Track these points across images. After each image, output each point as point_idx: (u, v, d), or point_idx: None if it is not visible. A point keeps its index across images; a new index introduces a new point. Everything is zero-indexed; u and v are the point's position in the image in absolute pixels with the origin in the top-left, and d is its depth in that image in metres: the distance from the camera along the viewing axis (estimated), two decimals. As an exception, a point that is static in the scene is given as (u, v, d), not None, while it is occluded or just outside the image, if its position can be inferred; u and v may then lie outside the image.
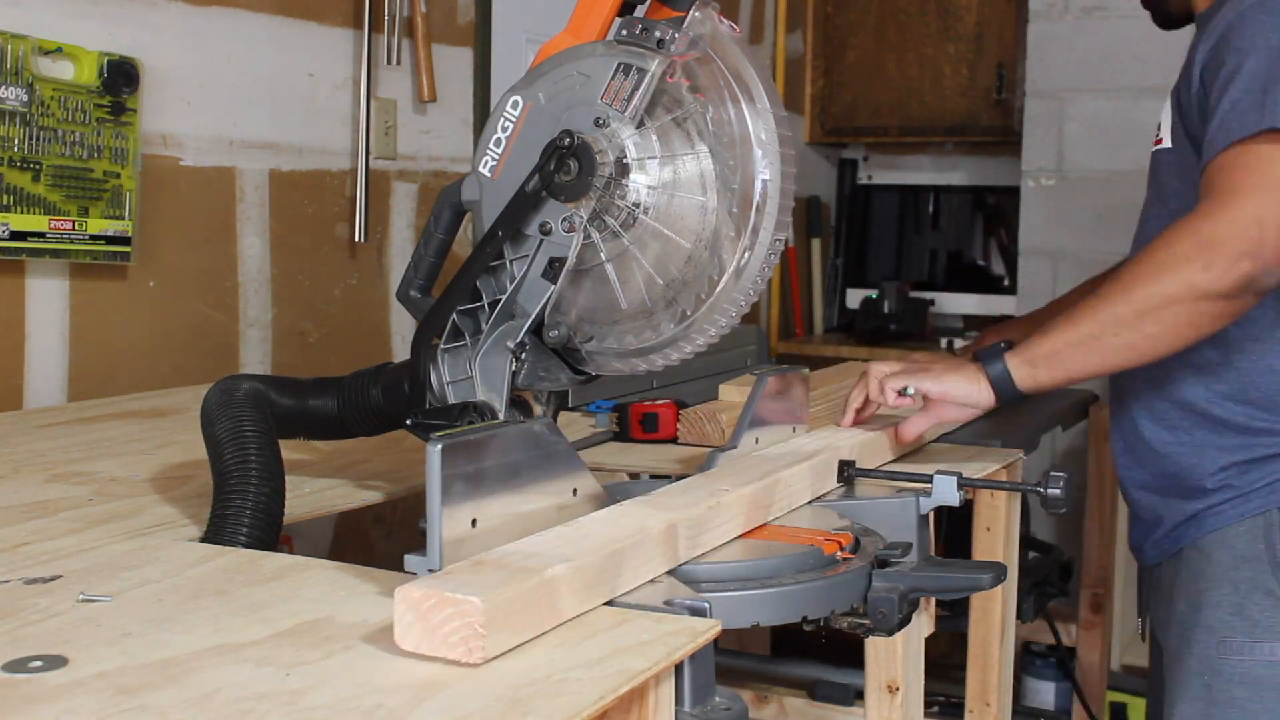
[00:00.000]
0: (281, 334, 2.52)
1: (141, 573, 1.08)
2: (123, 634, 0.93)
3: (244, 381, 1.34)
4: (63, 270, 2.09)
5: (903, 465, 1.58)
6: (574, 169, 1.18)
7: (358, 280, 2.70)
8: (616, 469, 1.67)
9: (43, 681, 0.84)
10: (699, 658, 0.96)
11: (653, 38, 1.18)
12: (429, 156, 2.87)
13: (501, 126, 1.23)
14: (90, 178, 2.06)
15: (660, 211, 1.19)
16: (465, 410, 1.20)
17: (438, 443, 0.95)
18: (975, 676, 2.08)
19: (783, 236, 1.18)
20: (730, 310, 1.18)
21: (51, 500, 1.36)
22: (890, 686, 1.68)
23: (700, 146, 1.18)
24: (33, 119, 1.97)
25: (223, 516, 1.18)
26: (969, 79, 4.26)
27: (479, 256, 1.22)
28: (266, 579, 1.06)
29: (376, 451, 1.66)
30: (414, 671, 0.86)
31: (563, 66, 1.21)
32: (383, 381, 1.33)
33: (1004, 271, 4.53)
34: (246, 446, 1.23)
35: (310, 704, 0.80)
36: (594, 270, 1.22)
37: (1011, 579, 2.13)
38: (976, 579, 1.20)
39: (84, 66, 2.05)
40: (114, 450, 1.65)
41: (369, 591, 1.03)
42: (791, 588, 1.09)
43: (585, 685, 0.83)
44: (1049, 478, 1.31)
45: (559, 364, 1.24)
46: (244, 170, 2.43)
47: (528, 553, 0.98)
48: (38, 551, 1.15)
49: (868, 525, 1.28)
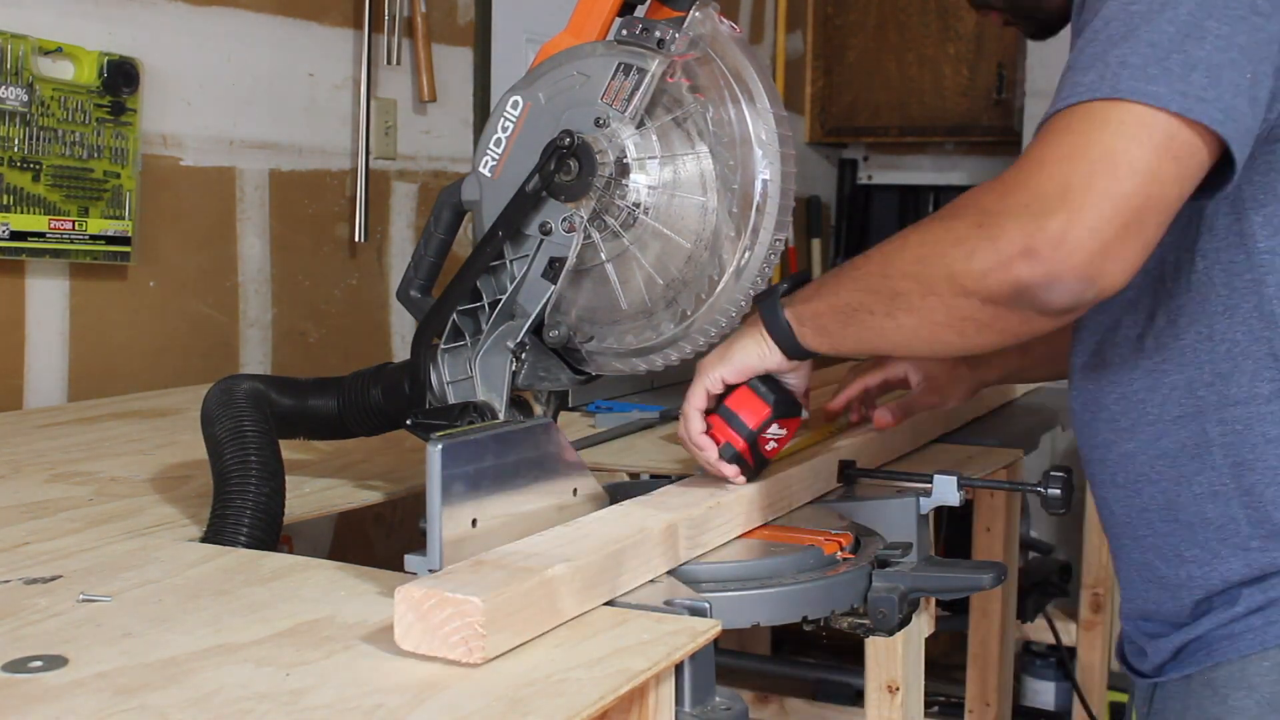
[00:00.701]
0: (281, 334, 2.52)
1: (141, 573, 1.08)
2: (123, 634, 0.93)
3: (244, 381, 1.34)
4: (63, 270, 2.09)
5: (903, 465, 1.59)
6: (574, 169, 1.18)
7: (358, 280, 2.70)
8: (616, 469, 1.67)
9: (43, 681, 0.83)
10: (699, 658, 0.96)
11: (653, 38, 1.18)
12: (429, 156, 2.87)
13: (501, 126, 1.23)
14: (90, 178, 2.06)
15: (660, 211, 1.19)
16: (465, 410, 1.20)
17: (438, 443, 0.96)
18: (975, 676, 2.08)
19: (783, 236, 1.18)
20: (730, 310, 1.18)
21: (51, 500, 1.36)
22: (890, 686, 1.68)
23: (700, 146, 1.18)
24: (33, 119, 1.97)
25: (223, 516, 1.18)
26: (969, 79, 4.26)
27: (479, 256, 1.22)
28: (266, 579, 1.06)
29: (376, 451, 1.66)
30: (414, 671, 0.86)
31: (563, 66, 1.21)
32: (383, 381, 1.33)
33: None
34: (246, 446, 1.23)
35: (310, 704, 0.80)
36: (594, 270, 1.22)
37: (1011, 579, 2.13)
38: (976, 579, 1.20)
39: (84, 66, 2.05)
40: (114, 450, 1.65)
41: (369, 591, 1.03)
42: (791, 588, 1.09)
43: (585, 685, 0.83)
44: (1049, 478, 1.31)
45: (559, 364, 1.24)
46: (244, 170, 2.43)
47: (528, 553, 0.98)
48: (38, 551, 1.15)
49: (868, 525, 1.28)
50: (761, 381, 1.23)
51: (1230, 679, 1.14)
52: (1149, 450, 1.17)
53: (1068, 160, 0.98)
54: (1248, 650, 1.13)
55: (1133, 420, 1.18)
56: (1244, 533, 1.12)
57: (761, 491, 1.24)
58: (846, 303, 1.13)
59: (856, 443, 1.49)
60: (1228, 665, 1.14)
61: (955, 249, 1.03)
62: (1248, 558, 1.12)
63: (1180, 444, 1.15)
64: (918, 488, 1.34)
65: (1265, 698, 1.12)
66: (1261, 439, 1.10)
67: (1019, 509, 2.08)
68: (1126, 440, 1.19)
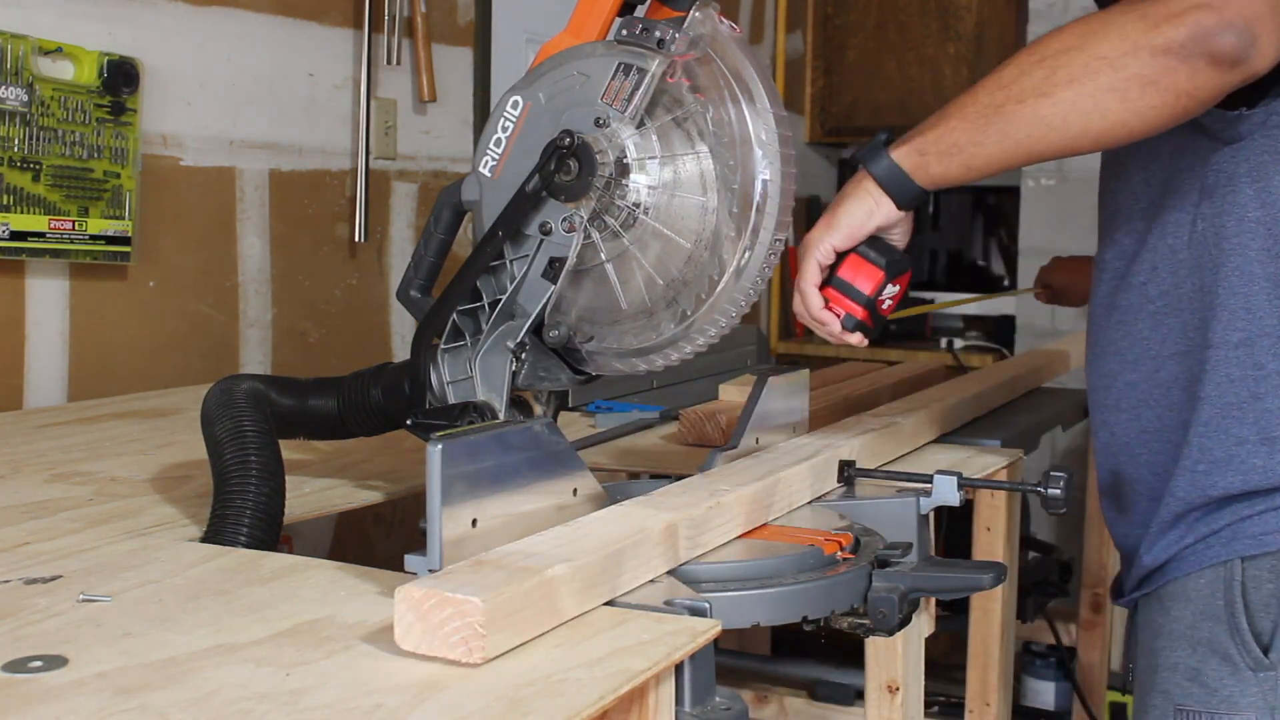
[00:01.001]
0: (281, 334, 2.52)
1: (141, 573, 1.08)
2: (123, 634, 0.93)
3: (244, 381, 1.34)
4: (63, 270, 2.09)
5: (903, 465, 1.58)
6: (574, 169, 1.18)
7: (358, 280, 2.70)
8: (616, 469, 1.67)
9: (43, 681, 0.84)
10: (699, 658, 0.96)
11: (653, 38, 1.18)
12: (429, 156, 2.87)
13: (501, 126, 1.23)
14: (90, 178, 2.06)
15: (660, 211, 1.19)
16: (465, 410, 1.20)
17: (438, 443, 0.95)
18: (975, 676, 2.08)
19: (783, 236, 1.18)
20: (730, 310, 1.18)
21: (52, 500, 1.36)
22: (890, 686, 1.68)
23: (700, 146, 1.18)
24: (33, 119, 1.97)
25: (223, 516, 1.18)
26: (969, 79, 4.25)
27: (479, 256, 1.22)
28: (266, 579, 1.06)
29: (376, 451, 1.66)
30: (414, 671, 0.86)
31: (563, 66, 1.21)
32: (383, 381, 1.33)
33: (1004, 271, 4.53)
34: (246, 446, 1.23)
35: (310, 704, 0.80)
36: (594, 270, 1.22)
37: (1011, 579, 2.13)
38: (976, 579, 1.20)
39: (84, 66, 2.05)
40: (114, 450, 1.65)
41: (369, 591, 1.03)
42: (791, 588, 1.09)
43: (585, 685, 0.83)
44: (1049, 478, 1.30)
45: (559, 364, 1.24)
46: (244, 170, 2.43)
47: (528, 553, 0.98)
48: (38, 551, 1.15)
49: (868, 525, 1.28)
50: (869, 245, 1.26)
51: (1173, 594, 1.32)
52: (1149, 380, 1.34)
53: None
54: (1189, 569, 1.30)
55: (1137, 354, 1.34)
56: (1193, 458, 1.29)
57: (761, 491, 1.24)
58: (986, 105, 1.15)
59: (857, 443, 1.49)
60: (1173, 583, 1.32)
61: (1128, 16, 1.10)
62: (1193, 479, 1.29)
63: (1174, 376, 1.31)
64: (918, 488, 1.34)
65: (1199, 609, 1.29)
66: (1225, 379, 1.26)
67: (1019, 509, 2.08)
68: (1130, 371, 1.35)
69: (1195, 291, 1.29)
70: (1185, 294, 1.30)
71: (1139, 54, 1.09)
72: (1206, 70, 1.09)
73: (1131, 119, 1.12)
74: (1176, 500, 1.30)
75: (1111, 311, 1.38)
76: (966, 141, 1.17)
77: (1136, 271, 1.34)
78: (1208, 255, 1.27)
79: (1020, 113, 1.14)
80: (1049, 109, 1.13)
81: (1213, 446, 1.28)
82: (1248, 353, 1.26)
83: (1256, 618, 1.26)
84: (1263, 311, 1.25)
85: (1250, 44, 1.08)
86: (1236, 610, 1.26)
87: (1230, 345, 1.26)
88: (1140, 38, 1.09)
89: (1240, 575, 1.27)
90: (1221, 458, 1.27)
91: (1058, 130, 1.14)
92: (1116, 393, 1.38)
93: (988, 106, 1.15)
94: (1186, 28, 1.08)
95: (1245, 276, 1.25)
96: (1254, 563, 1.26)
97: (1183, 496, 1.30)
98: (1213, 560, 1.28)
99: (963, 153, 1.17)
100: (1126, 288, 1.36)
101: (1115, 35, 1.10)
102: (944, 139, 1.18)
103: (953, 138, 1.18)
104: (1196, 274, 1.29)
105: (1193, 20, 1.08)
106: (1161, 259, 1.32)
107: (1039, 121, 1.14)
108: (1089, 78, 1.11)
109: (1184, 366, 1.30)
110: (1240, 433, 1.27)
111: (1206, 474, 1.28)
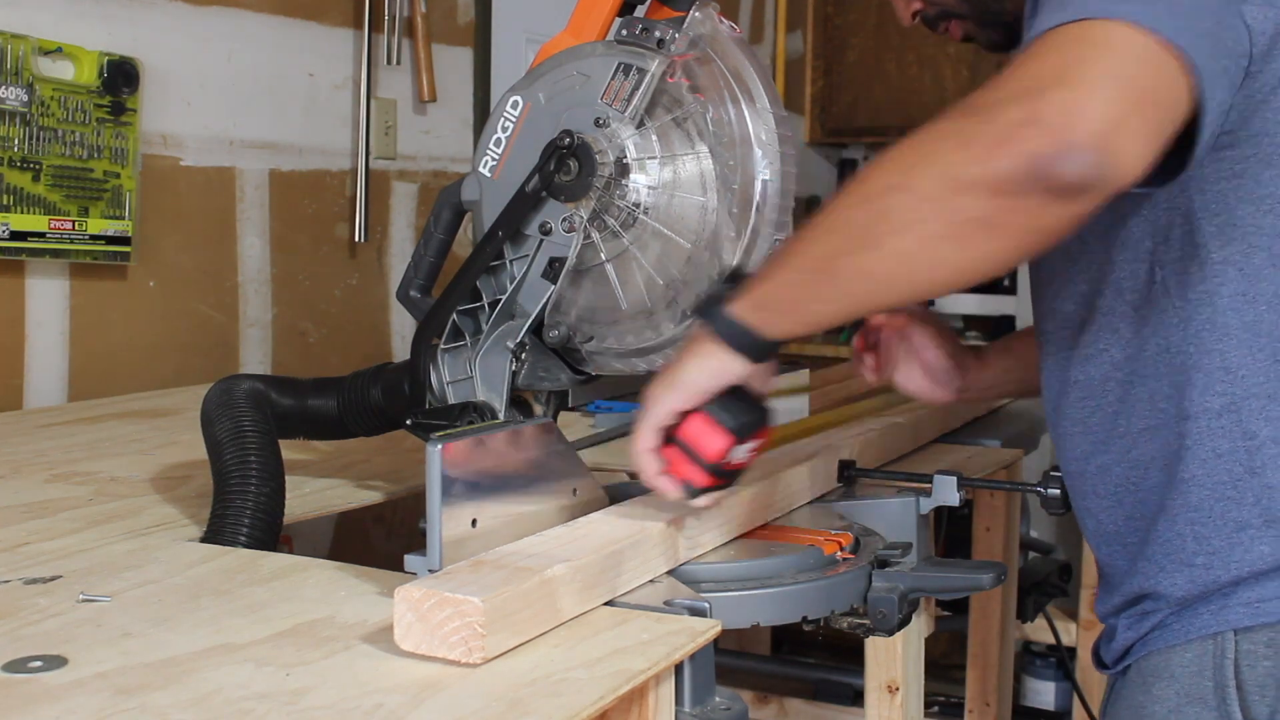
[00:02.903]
0: (281, 334, 2.52)
1: (141, 573, 1.08)
2: (123, 634, 0.93)
3: (244, 381, 1.34)
4: (63, 270, 2.09)
5: (903, 465, 1.59)
6: (574, 169, 1.18)
7: (358, 280, 2.70)
8: (616, 469, 1.67)
9: (43, 681, 0.84)
10: (699, 658, 0.96)
11: (653, 38, 1.18)
12: (429, 156, 2.87)
13: (501, 126, 1.23)
14: (90, 178, 2.06)
15: (660, 211, 1.19)
16: (465, 410, 1.20)
17: (438, 443, 0.96)
18: (975, 676, 2.09)
19: (783, 237, 1.18)
20: (730, 310, 1.18)
21: (51, 500, 1.36)
22: (890, 686, 1.68)
23: (700, 146, 1.18)
24: (33, 119, 1.97)
25: (223, 516, 1.18)
26: (969, 79, 4.25)
27: (479, 256, 1.22)
28: (266, 579, 1.06)
29: (376, 451, 1.66)
30: (414, 671, 0.86)
31: (563, 66, 1.21)
32: (383, 381, 1.33)
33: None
34: (246, 446, 1.23)
35: (310, 704, 0.80)
36: (594, 270, 1.22)
37: (1011, 579, 2.13)
38: (976, 579, 1.20)
39: (84, 66, 2.05)
40: (114, 450, 1.65)
41: (369, 591, 1.03)
42: (791, 588, 1.09)
43: (585, 685, 0.83)
44: (1049, 478, 1.31)
45: (559, 364, 1.24)
46: (244, 170, 2.43)
47: (528, 553, 0.98)
48: (38, 551, 1.15)
49: (868, 525, 1.28)
50: (718, 401, 1.06)
51: (1155, 669, 1.13)
52: (1123, 461, 1.15)
53: (1059, 50, 0.89)
54: (1173, 640, 1.12)
55: (1106, 432, 1.16)
56: (1189, 550, 1.10)
57: (761, 491, 1.24)
58: (816, 257, 0.99)
59: (857, 443, 1.49)
60: (1155, 655, 1.13)
61: (947, 143, 0.91)
62: (1192, 575, 1.10)
63: (1150, 456, 1.12)
64: (918, 488, 1.34)
65: (1183, 689, 1.11)
66: (1212, 454, 1.07)
67: (1019, 509, 2.08)
68: (1102, 452, 1.16)
69: (1160, 354, 1.10)
70: (1149, 357, 1.11)
71: (966, 195, 0.89)
72: (1052, 205, 0.88)
73: (977, 264, 0.93)
74: (1178, 597, 1.11)
75: (1068, 388, 1.18)
76: (806, 298, 1.01)
77: (1090, 339, 1.15)
78: (1171, 309, 1.08)
79: (851, 266, 0.97)
80: (878, 264, 0.95)
81: (1210, 535, 1.09)
82: (1234, 420, 1.06)
83: (1251, 702, 1.07)
84: (1244, 370, 1.06)
85: (1104, 161, 0.86)
86: (1228, 693, 1.08)
87: (1212, 414, 1.07)
88: (963, 173, 0.88)
89: (1233, 651, 1.08)
90: (1222, 547, 1.08)
91: (896, 284, 0.97)
92: (1091, 478, 1.18)
93: (819, 259, 0.99)
94: (1015, 158, 0.86)
95: (1218, 330, 1.06)
96: (1248, 635, 1.07)
97: (1182, 596, 1.11)
98: (1200, 632, 1.10)
99: (804, 309, 1.02)
100: (1083, 359, 1.16)
101: (938, 171, 0.90)
102: (781, 294, 1.02)
103: (790, 293, 1.02)
104: (1161, 332, 1.10)
105: (1023, 149, 0.86)
106: (1121, 319, 1.12)
107: (871, 278, 0.97)
108: (918, 224, 0.92)
109: (1158, 443, 1.11)
110: (1240, 516, 1.07)
111: (1207, 568, 1.09)
